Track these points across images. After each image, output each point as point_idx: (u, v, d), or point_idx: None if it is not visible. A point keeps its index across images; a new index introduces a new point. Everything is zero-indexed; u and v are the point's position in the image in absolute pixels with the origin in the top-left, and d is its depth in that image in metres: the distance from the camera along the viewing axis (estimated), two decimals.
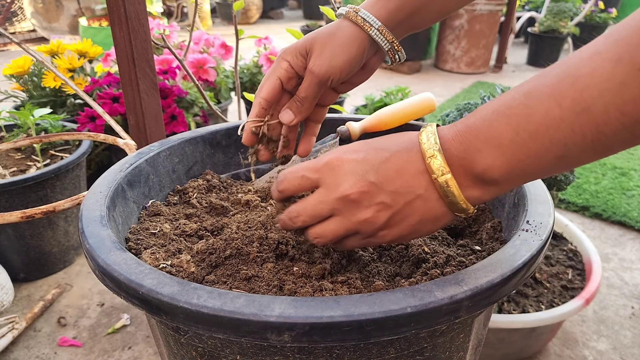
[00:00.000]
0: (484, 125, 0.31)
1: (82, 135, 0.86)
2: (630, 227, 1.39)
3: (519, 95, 0.30)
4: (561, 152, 0.28)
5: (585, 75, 0.27)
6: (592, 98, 0.26)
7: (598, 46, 0.27)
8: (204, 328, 0.31)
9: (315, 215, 0.36)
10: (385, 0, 0.46)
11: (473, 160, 0.31)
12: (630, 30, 0.26)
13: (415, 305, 0.30)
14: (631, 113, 0.26)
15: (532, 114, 0.29)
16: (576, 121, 0.27)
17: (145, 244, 0.46)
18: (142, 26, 0.77)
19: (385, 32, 0.46)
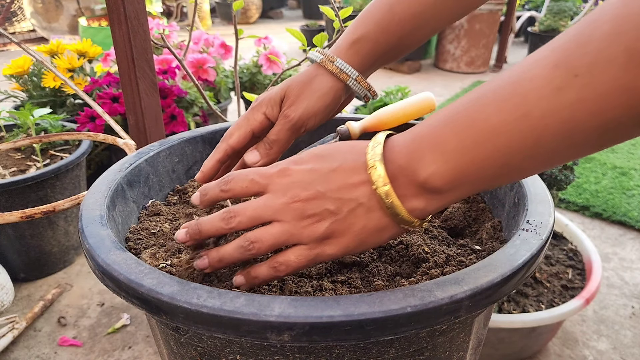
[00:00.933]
0: (429, 132, 0.31)
1: (82, 135, 0.86)
2: (631, 227, 1.39)
3: (466, 100, 0.30)
4: (504, 160, 0.28)
5: (526, 80, 0.27)
6: (531, 103, 0.26)
7: (541, 52, 0.27)
8: (204, 328, 0.31)
9: (256, 217, 0.34)
10: (358, 46, 0.47)
11: (416, 168, 0.31)
12: (569, 37, 0.26)
13: (415, 305, 0.30)
14: (567, 119, 0.25)
15: (475, 120, 0.29)
16: (516, 127, 0.27)
17: (145, 243, 0.46)
18: (142, 26, 0.77)
19: (361, 80, 0.47)
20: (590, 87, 0.24)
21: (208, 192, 0.37)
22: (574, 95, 0.25)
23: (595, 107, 0.25)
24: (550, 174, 0.90)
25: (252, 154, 0.46)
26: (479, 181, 0.30)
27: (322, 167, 0.33)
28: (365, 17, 0.48)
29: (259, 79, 1.92)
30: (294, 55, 2.06)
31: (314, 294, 0.38)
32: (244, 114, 0.49)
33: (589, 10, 3.20)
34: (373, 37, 0.46)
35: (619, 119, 0.24)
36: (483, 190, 0.31)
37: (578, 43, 0.25)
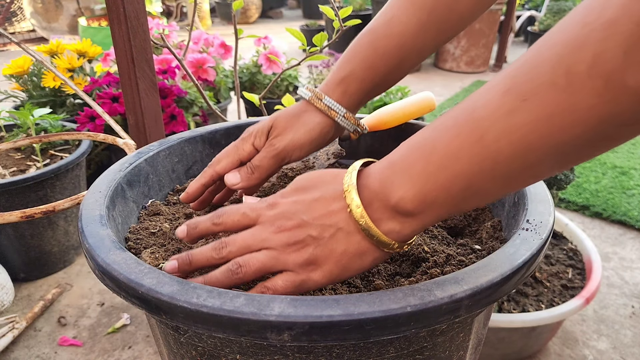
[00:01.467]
0: (400, 158, 0.33)
1: (82, 135, 0.86)
2: (631, 227, 1.39)
3: (432, 127, 0.31)
4: (466, 183, 0.29)
5: (481, 106, 0.28)
6: (485, 127, 0.28)
7: (495, 79, 0.29)
8: (204, 327, 0.31)
9: (245, 246, 0.35)
10: (345, 85, 0.48)
11: (388, 192, 0.32)
12: (520, 63, 0.28)
13: (415, 305, 0.30)
14: (519, 141, 0.27)
15: (437, 145, 0.30)
16: (473, 150, 0.28)
17: (145, 243, 0.46)
18: (142, 26, 0.77)
19: (350, 117, 0.48)
20: (537, 111, 0.26)
21: (198, 226, 0.38)
22: (523, 119, 0.26)
23: (544, 129, 0.26)
24: None
25: (233, 176, 0.48)
26: (447, 204, 0.31)
27: (306, 198, 0.35)
28: (350, 55, 0.49)
29: (259, 79, 1.92)
30: (293, 55, 2.06)
31: (314, 294, 0.38)
32: (234, 142, 0.50)
33: None
34: (359, 75, 0.48)
35: (568, 139, 0.25)
36: (458, 213, 0.33)
37: (525, 69, 0.27)
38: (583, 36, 0.24)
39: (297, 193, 0.36)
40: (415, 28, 0.46)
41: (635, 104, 0.23)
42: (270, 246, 0.35)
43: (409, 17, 0.46)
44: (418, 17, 0.46)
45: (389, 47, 0.47)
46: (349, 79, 0.48)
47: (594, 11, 0.24)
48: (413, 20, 0.46)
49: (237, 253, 0.35)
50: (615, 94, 0.23)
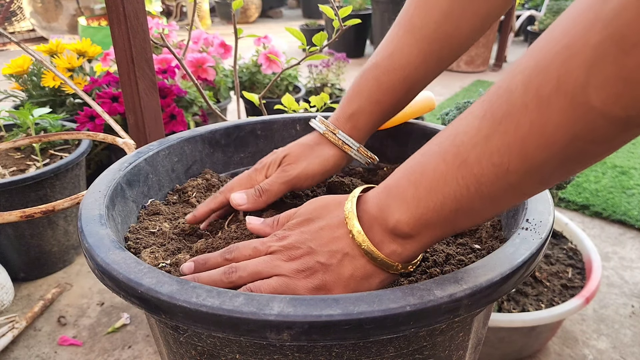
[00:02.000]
0: (394, 183, 0.34)
1: (82, 134, 0.86)
2: (631, 226, 1.39)
3: (421, 152, 0.33)
4: (456, 204, 0.31)
5: (462, 132, 0.30)
6: (467, 151, 0.29)
7: (474, 105, 0.30)
8: (203, 327, 0.31)
9: (256, 272, 0.37)
10: (354, 120, 0.49)
11: (386, 217, 0.34)
12: (495, 89, 0.29)
13: (415, 304, 0.30)
14: (499, 163, 0.28)
15: (425, 170, 0.32)
16: (458, 174, 0.30)
17: (145, 243, 0.46)
18: (141, 25, 0.77)
19: (362, 150, 0.50)
20: (512, 133, 0.27)
21: (208, 262, 0.39)
22: (500, 141, 0.27)
23: (521, 150, 0.27)
24: None
25: (239, 196, 0.48)
26: (440, 225, 0.32)
27: (312, 228, 0.37)
28: (357, 90, 0.50)
29: (259, 79, 1.92)
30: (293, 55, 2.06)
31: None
32: (248, 172, 0.51)
33: None
34: (367, 109, 0.49)
35: (545, 158, 0.26)
36: (455, 233, 0.34)
37: (500, 93, 0.28)
38: (548, 59, 0.25)
39: (303, 224, 0.38)
40: (417, 59, 0.47)
41: (602, 122, 0.24)
42: (281, 273, 0.36)
43: (411, 48, 0.47)
44: (419, 48, 0.46)
45: (393, 81, 0.48)
46: (357, 114, 0.49)
47: (557, 36, 0.25)
48: (414, 52, 0.47)
49: (247, 279, 0.37)
50: (581, 112, 0.24)
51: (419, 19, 0.46)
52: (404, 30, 0.47)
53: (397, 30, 0.48)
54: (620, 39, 0.22)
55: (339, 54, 2.10)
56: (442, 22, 0.45)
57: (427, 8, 0.45)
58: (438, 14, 0.45)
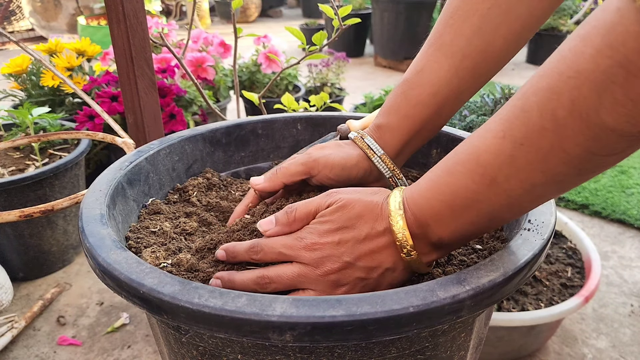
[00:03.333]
0: (426, 205, 0.35)
1: (81, 134, 0.85)
2: (630, 225, 1.39)
3: (445, 171, 0.35)
4: (489, 217, 0.34)
5: (484, 151, 0.32)
6: (495, 171, 0.32)
7: (490, 123, 0.32)
8: (205, 327, 0.31)
9: (292, 285, 0.37)
10: (381, 132, 0.49)
11: (427, 233, 0.36)
12: (509, 108, 0.31)
13: (418, 305, 0.30)
14: (526, 179, 0.31)
15: (456, 192, 0.34)
16: (489, 192, 0.32)
17: (146, 242, 0.46)
18: (141, 25, 0.76)
19: (387, 160, 0.48)
20: (534, 153, 0.29)
21: (237, 256, 0.40)
22: (524, 161, 0.30)
23: (544, 167, 0.30)
24: None
25: (256, 178, 0.49)
26: (477, 232, 0.36)
27: (348, 238, 0.37)
28: (387, 105, 0.49)
29: (258, 78, 1.92)
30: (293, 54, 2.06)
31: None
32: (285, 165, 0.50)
33: (588, 10, 3.20)
34: (395, 124, 0.48)
35: (566, 171, 0.29)
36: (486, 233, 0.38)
37: (516, 114, 0.30)
38: (562, 83, 0.27)
39: (338, 232, 0.37)
40: (447, 75, 0.45)
41: (615, 138, 0.26)
42: (318, 288, 0.37)
43: (441, 64, 0.46)
44: (450, 64, 0.45)
45: (422, 97, 0.47)
46: (385, 127, 0.49)
47: (568, 60, 0.27)
48: (445, 67, 0.45)
49: (281, 289, 0.38)
50: (596, 132, 0.27)
51: (449, 36, 0.45)
52: (433, 48, 0.46)
53: (427, 48, 0.47)
54: (627, 64, 0.24)
55: (339, 54, 2.10)
56: (474, 38, 0.44)
57: (457, 25, 0.45)
58: (469, 30, 0.44)
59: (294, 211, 0.39)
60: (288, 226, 0.39)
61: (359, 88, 2.70)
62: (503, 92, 1.01)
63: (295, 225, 0.39)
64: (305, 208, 0.39)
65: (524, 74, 3.09)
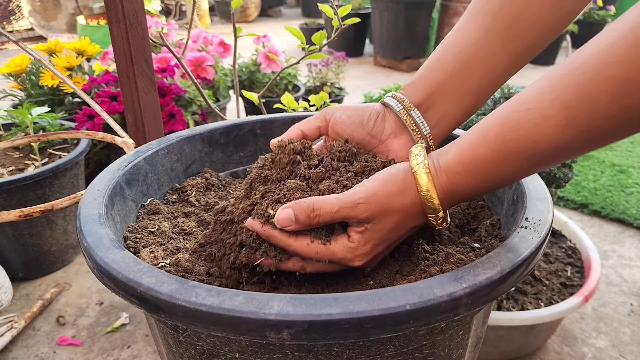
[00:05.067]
0: (462, 184, 0.37)
1: (80, 133, 0.86)
2: (629, 225, 1.39)
3: (492, 162, 0.35)
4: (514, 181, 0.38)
5: (543, 141, 0.32)
6: (549, 157, 0.33)
7: (547, 108, 0.32)
8: (203, 326, 0.31)
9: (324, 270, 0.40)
10: (402, 90, 0.48)
11: (451, 200, 0.38)
12: (569, 94, 0.31)
13: (415, 303, 0.30)
14: (574, 155, 0.33)
15: (509, 173, 0.35)
16: (531, 170, 0.35)
17: (144, 242, 0.46)
18: (140, 24, 0.76)
19: (397, 95, 0.47)
20: (594, 138, 0.31)
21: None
22: (581, 145, 0.32)
23: (597, 146, 0.32)
24: (549, 171, 0.90)
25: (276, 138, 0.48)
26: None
27: (393, 238, 0.40)
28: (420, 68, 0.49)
29: (258, 78, 1.92)
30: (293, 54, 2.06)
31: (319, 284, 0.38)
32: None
33: (587, 9, 3.20)
34: (416, 80, 0.47)
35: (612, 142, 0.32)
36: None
37: (583, 102, 0.30)
38: (635, 73, 0.28)
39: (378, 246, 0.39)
40: (475, 35, 0.44)
41: None
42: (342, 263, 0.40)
43: (469, 25, 0.45)
44: (479, 25, 0.45)
45: (446, 52, 0.46)
46: (406, 86, 0.48)
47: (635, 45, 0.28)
48: (474, 28, 0.45)
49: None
50: None
51: (481, 3, 0.45)
52: (466, 16, 0.46)
53: (461, 18, 0.47)
54: None
55: (339, 53, 2.10)
56: (506, 3, 0.43)
57: None
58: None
59: (317, 216, 0.38)
60: (307, 227, 0.38)
61: (358, 87, 2.70)
62: (502, 92, 1.01)
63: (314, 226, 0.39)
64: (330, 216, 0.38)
65: (525, 74, 3.09)
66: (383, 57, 3.31)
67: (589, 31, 3.37)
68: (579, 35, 3.34)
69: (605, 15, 3.63)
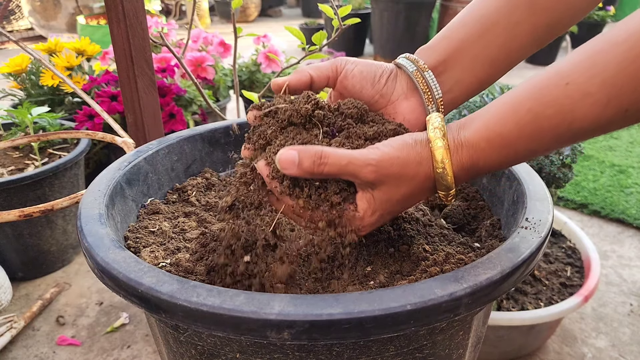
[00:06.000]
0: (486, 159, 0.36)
1: (80, 133, 0.86)
2: (629, 225, 1.39)
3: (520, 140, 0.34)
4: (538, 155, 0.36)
5: (580, 119, 0.31)
6: (585, 134, 0.32)
7: (587, 85, 0.30)
8: (204, 326, 0.31)
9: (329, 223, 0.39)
10: (417, 53, 0.46)
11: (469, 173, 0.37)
12: (611, 72, 0.29)
13: (415, 303, 0.30)
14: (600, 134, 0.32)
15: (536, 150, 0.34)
16: (560, 146, 0.34)
17: (144, 242, 0.46)
18: (140, 24, 0.76)
19: (411, 57, 0.45)
20: (632, 116, 0.30)
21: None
22: (620, 124, 0.31)
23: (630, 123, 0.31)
24: (549, 171, 0.90)
25: (281, 78, 0.46)
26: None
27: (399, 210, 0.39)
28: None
29: (258, 78, 1.92)
30: (293, 54, 2.06)
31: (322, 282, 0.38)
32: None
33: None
34: (433, 45, 0.45)
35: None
36: None
37: (627, 81, 0.29)
38: None
39: (389, 209, 0.38)
40: (498, 3, 0.42)
41: None
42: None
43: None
44: None
45: (464, 19, 0.44)
46: (422, 50, 0.46)
47: None
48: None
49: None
50: None
51: None
52: None
53: None
54: None
55: (339, 53, 2.10)
56: None
57: None
58: None
59: (324, 164, 0.35)
60: (309, 175, 0.36)
61: None
62: (502, 92, 1.01)
63: (317, 176, 0.37)
64: (338, 168, 0.36)
65: (524, 74, 3.09)
66: (383, 57, 3.31)
67: (589, 32, 3.37)
68: (579, 36, 3.35)
69: (604, 15, 3.63)
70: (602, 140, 1.91)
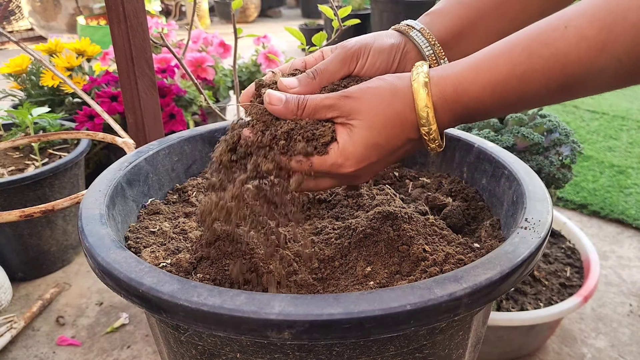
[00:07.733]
0: (473, 101, 0.35)
1: (81, 134, 0.86)
2: (628, 225, 1.39)
3: (511, 78, 0.33)
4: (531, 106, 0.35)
5: (573, 63, 0.30)
6: (576, 82, 0.31)
7: (583, 29, 0.30)
8: (204, 326, 0.31)
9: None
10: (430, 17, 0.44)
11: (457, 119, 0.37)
12: (616, 16, 0.28)
13: (415, 303, 0.30)
14: (602, 89, 0.32)
15: (525, 93, 0.33)
16: (555, 96, 0.33)
17: (145, 242, 0.46)
18: (141, 25, 0.77)
19: (426, 34, 0.43)
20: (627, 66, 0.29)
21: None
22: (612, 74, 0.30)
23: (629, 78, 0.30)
24: (549, 172, 0.90)
25: (289, 80, 0.41)
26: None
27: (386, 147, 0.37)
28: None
29: (258, 78, 1.92)
30: (292, 54, 2.06)
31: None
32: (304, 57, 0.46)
33: None
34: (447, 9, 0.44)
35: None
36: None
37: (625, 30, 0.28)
38: None
39: (372, 158, 0.37)
40: None
41: None
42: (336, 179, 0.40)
43: None
44: None
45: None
46: (435, 12, 0.44)
47: None
48: None
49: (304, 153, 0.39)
50: None
51: None
52: None
53: None
54: None
55: None
56: None
57: None
58: None
59: (304, 103, 0.38)
60: (293, 114, 0.39)
61: None
62: None
63: (300, 115, 0.39)
64: (316, 103, 0.38)
65: None
66: None
67: None
68: None
69: None
70: (602, 141, 1.92)
